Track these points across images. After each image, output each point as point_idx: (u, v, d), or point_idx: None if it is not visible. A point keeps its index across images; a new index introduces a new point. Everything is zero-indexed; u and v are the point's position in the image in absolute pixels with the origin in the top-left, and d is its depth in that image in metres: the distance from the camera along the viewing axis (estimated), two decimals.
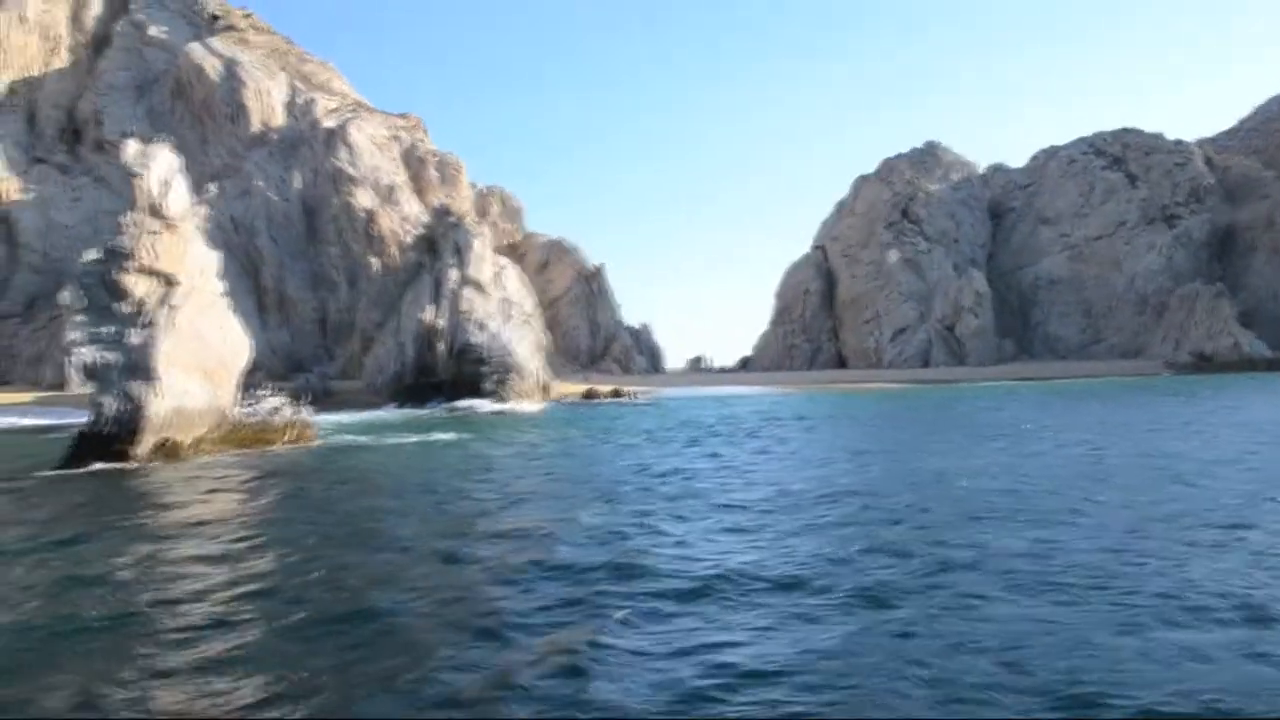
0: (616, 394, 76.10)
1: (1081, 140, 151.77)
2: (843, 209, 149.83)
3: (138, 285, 32.20)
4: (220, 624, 10.45)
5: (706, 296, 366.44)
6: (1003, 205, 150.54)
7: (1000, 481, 20.50)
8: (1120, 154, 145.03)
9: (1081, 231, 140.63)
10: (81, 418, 56.99)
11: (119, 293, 31.94)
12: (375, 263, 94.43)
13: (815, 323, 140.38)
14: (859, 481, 21.38)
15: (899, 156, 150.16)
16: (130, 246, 32.29)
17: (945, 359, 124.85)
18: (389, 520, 17.67)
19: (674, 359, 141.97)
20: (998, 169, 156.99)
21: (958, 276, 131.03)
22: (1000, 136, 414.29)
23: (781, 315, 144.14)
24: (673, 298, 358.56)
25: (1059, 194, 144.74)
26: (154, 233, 32.99)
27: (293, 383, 60.15)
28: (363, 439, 38.89)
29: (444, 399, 64.49)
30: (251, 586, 12.32)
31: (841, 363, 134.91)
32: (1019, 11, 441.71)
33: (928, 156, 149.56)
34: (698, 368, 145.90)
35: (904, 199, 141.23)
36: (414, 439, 38.63)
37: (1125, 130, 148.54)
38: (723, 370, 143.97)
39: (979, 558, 12.56)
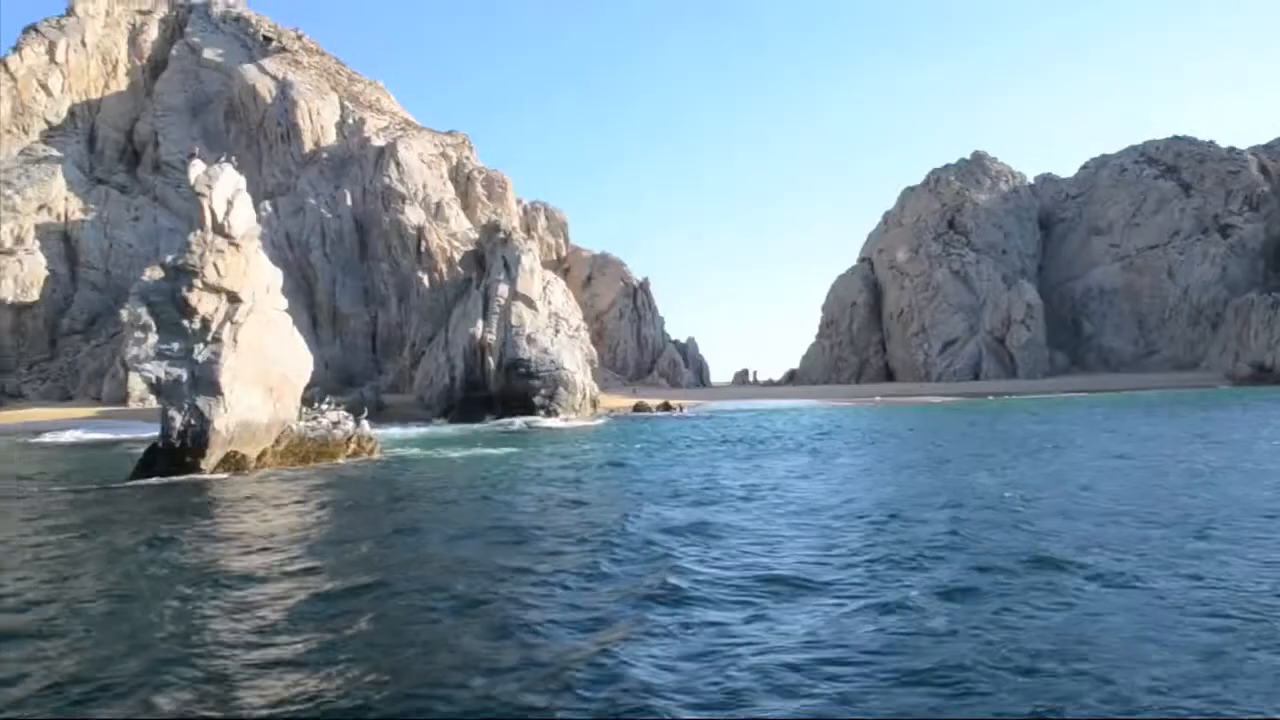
0: (666, 407, 76.12)
1: (1132, 149, 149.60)
2: (890, 221, 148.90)
3: (204, 302, 32.95)
4: (296, 626, 10.75)
5: (752, 310, 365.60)
6: (1053, 215, 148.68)
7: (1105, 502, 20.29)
8: (1173, 162, 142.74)
9: (1134, 241, 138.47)
10: (142, 431, 58.41)
11: (186, 310, 32.71)
12: (425, 278, 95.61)
13: (862, 335, 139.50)
14: (928, 495, 21.28)
15: (946, 167, 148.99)
16: (196, 264, 33.08)
17: (996, 371, 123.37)
18: (467, 532, 17.92)
19: (720, 372, 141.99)
20: (1047, 179, 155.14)
21: (1007, 288, 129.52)
22: (1049, 146, 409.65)
23: (828, 328, 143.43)
24: (718, 311, 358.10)
25: (1110, 203, 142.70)
26: (219, 251, 33.77)
27: (344, 397, 60.95)
28: (423, 452, 39.39)
29: (494, 413, 65.04)
30: (322, 592, 12.64)
31: (889, 376, 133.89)
32: (1067, 20, 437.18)
33: (975, 167, 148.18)
34: (744, 381, 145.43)
35: (952, 210, 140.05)
36: (474, 452, 39.07)
37: (1178, 138, 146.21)
38: (769, 383, 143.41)
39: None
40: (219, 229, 34.34)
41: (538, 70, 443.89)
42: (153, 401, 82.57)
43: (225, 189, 35.28)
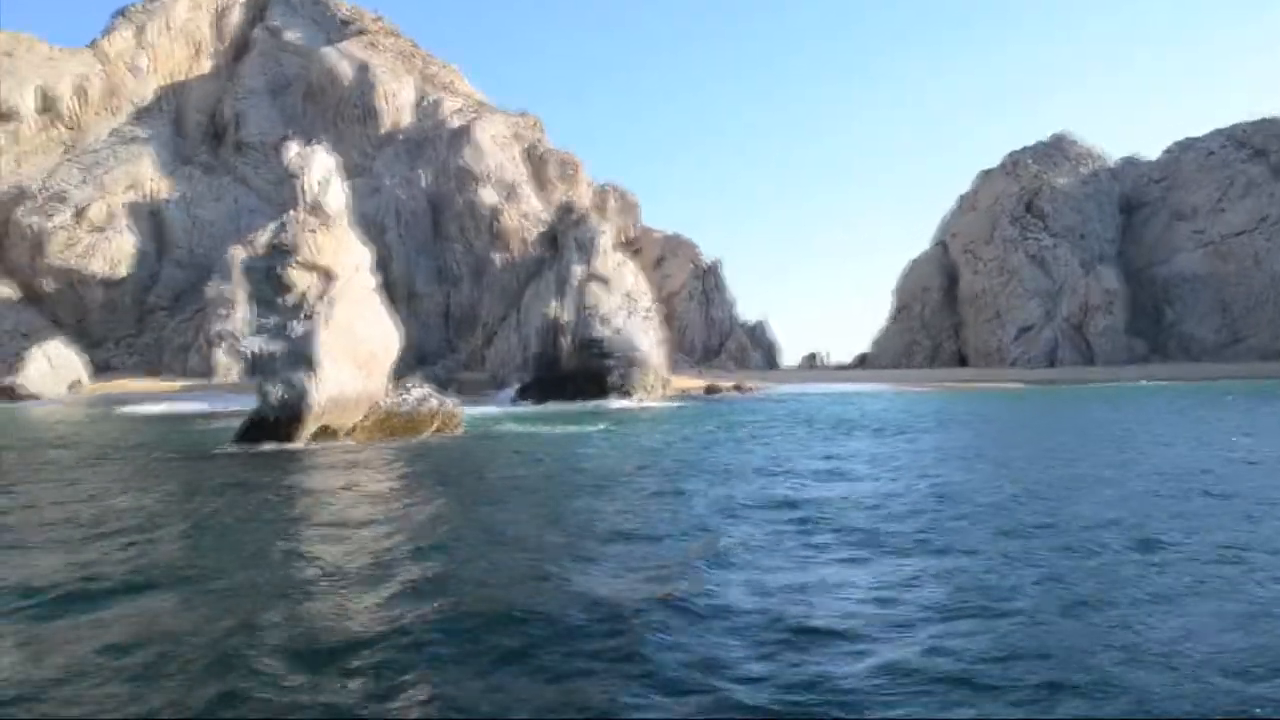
0: (738, 389, 76.18)
1: (1219, 132, 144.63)
2: (965, 204, 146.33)
3: (299, 280, 33.93)
4: (396, 596, 11.23)
5: (823, 292, 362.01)
6: (1135, 200, 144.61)
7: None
8: (1262, 145, 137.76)
9: (1219, 227, 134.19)
10: (228, 404, 60.30)
11: (282, 287, 33.71)
12: (498, 258, 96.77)
13: (936, 320, 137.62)
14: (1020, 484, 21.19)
15: (1024, 149, 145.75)
16: (292, 243, 34.04)
17: (1073, 359, 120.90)
18: (564, 502, 18.36)
19: (788, 355, 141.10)
20: (1129, 161, 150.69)
21: (1086, 273, 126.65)
22: (1131, 130, 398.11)
23: (901, 312, 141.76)
24: (789, 293, 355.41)
25: (1196, 188, 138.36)
26: (313, 230, 34.71)
27: (418, 374, 62.14)
28: (506, 428, 40.14)
29: (567, 393, 65.64)
30: (418, 562, 13.15)
31: (963, 361, 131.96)
32: (1148, 1, 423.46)
33: (1055, 149, 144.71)
34: (813, 364, 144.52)
35: (1029, 193, 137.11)
36: (557, 429, 39.73)
37: (1267, 120, 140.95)
38: (839, 367, 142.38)
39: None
40: (313, 208, 35.27)
41: (609, 52, 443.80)
42: (235, 375, 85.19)
43: (319, 170, 36.21)
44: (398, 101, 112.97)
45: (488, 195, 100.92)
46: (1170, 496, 18.19)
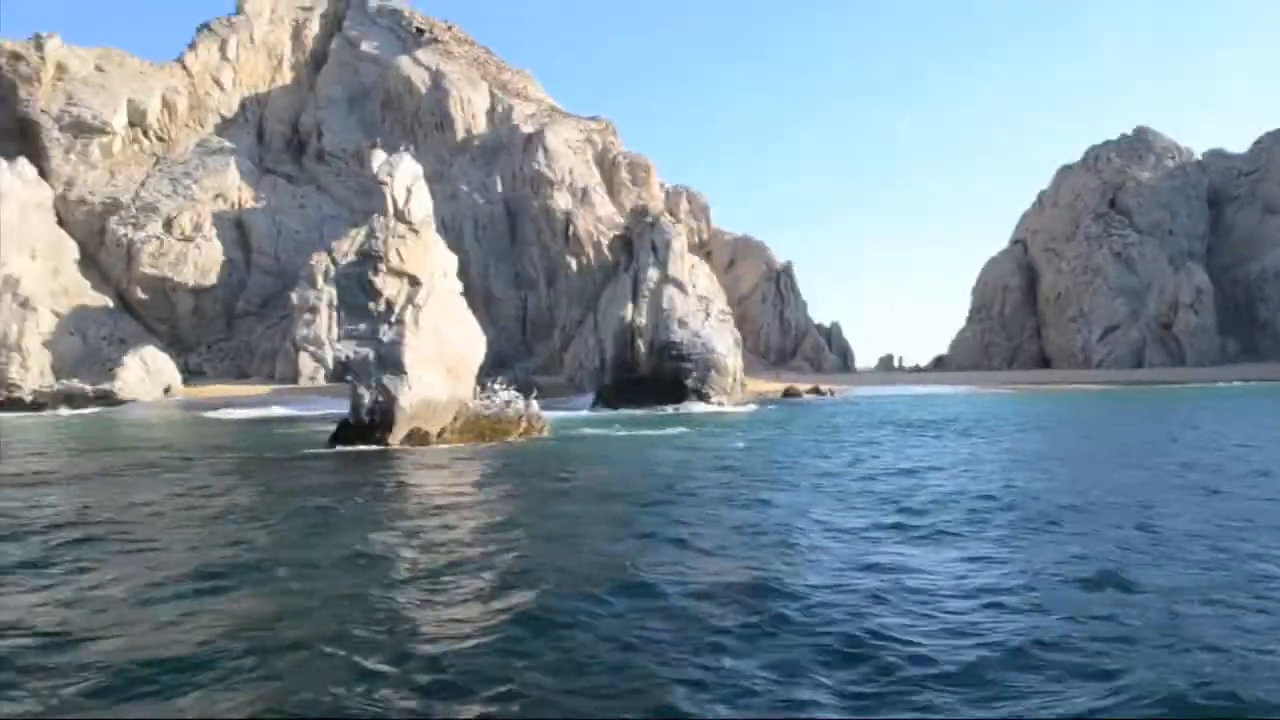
0: (816, 392, 75.64)
1: None
2: (1044, 201, 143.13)
3: (388, 286, 34.64)
4: (502, 588, 11.40)
5: (899, 293, 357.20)
6: (1223, 194, 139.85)
7: None
8: None
9: None
10: (317, 408, 61.78)
11: (371, 293, 34.45)
12: (573, 262, 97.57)
13: (1015, 320, 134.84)
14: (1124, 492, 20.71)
15: (1106, 144, 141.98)
16: (381, 250, 34.77)
17: (1161, 359, 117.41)
18: (641, 503, 18.45)
19: (864, 358, 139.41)
20: (1216, 154, 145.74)
21: (1174, 270, 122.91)
22: (1213, 123, 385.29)
23: (979, 312, 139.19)
24: (863, 296, 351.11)
25: None
26: (400, 237, 35.42)
27: (502, 378, 62.83)
28: (590, 432, 40.46)
29: (644, 395, 65.69)
30: (508, 558, 13.37)
31: (1044, 362, 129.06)
32: None
33: (1138, 143, 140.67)
34: (889, 367, 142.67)
35: (1112, 189, 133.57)
36: (639, 433, 39.95)
37: None
38: (915, 369, 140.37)
39: None
40: (400, 215, 35.98)
41: (680, 53, 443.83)
42: (320, 379, 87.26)
43: (405, 177, 36.92)
44: (472, 108, 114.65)
45: (561, 200, 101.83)
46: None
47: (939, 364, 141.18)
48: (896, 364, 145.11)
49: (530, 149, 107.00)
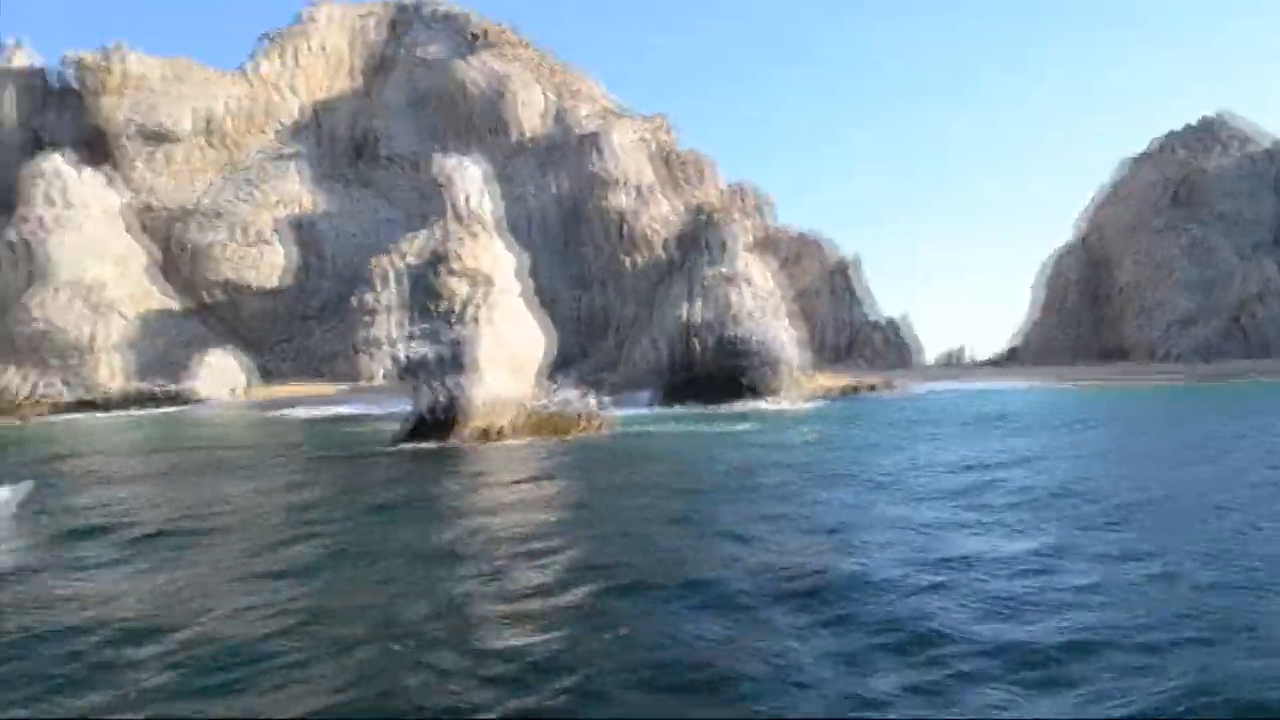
0: (879, 387, 74.90)
1: None
2: (1110, 192, 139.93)
3: (454, 287, 35.20)
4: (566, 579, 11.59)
5: (963, 288, 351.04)
6: None
7: None
8: None
9: None
10: (382, 407, 62.77)
11: (438, 294, 35.03)
12: (631, 261, 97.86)
13: (1081, 314, 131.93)
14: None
15: (1173, 134, 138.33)
16: (447, 251, 35.35)
17: (1231, 351, 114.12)
18: (705, 498, 18.56)
19: (928, 352, 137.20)
20: None
21: (1245, 261, 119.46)
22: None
23: (1044, 306, 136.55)
24: (925, 290, 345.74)
25: None
26: (466, 238, 35.97)
27: (564, 377, 63.32)
28: (649, 429, 40.65)
29: (703, 393, 65.54)
30: (574, 549, 13.62)
31: (1111, 356, 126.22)
32: None
33: (1205, 132, 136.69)
34: (954, 361, 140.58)
35: (1180, 179, 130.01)
36: (704, 429, 40.03)
37: None
38: (980, 364, 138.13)
39: None
40: (466, 218, 36.52)
41: (738, 49, 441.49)
42: (382, 379, 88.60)
43: (471, 180, 37.50)
44: (530, 110, 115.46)
45: (619, 200, 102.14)
46: None
47: (1005, 358, 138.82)
48: (962, 358, 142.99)
49: (588, 149, 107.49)
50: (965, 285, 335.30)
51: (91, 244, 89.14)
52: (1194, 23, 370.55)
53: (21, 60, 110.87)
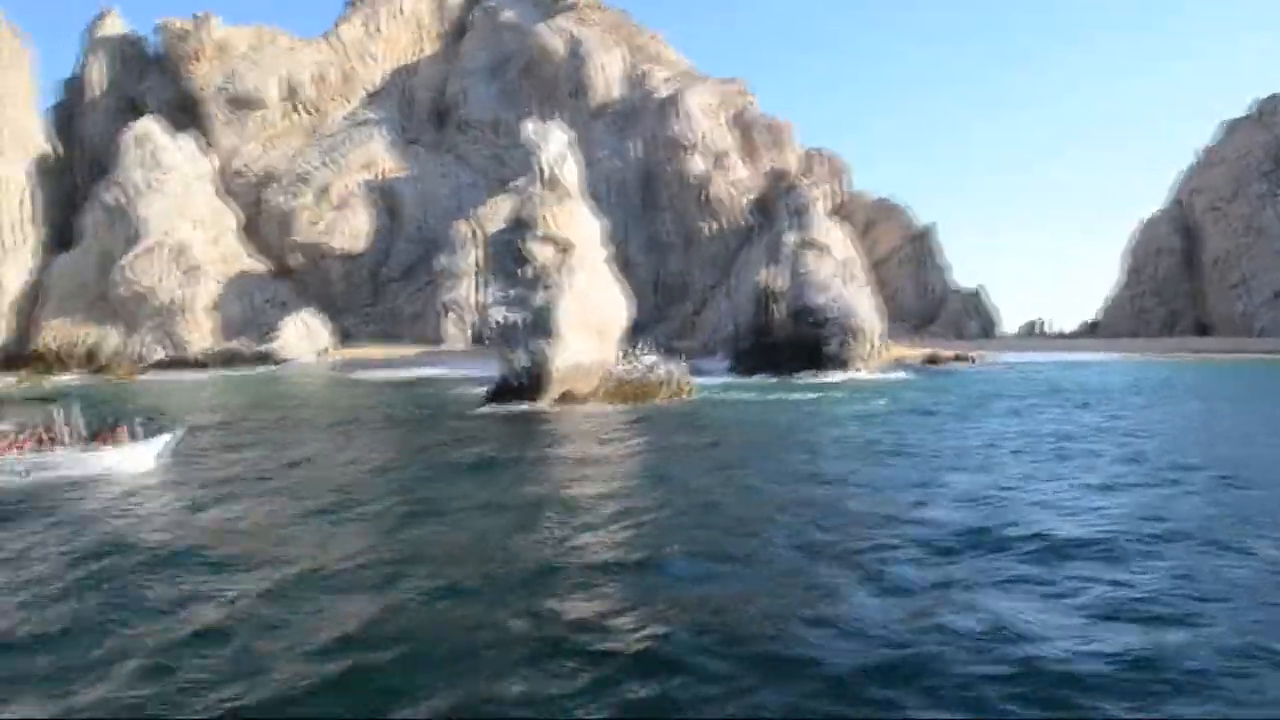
0: (960, 358, 73.68)
1: None
2: (1207, 158, 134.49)
3: (539, 252, 35.48)
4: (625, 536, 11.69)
5: (1045, 257, 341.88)
6: None
7: None
8: None
9: None
10: (462, 369, 63.80)
11: (524, 259, 35.36)
12: (707, 226, 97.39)
13: (1172, 285, 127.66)
14: None
15: (1276, 96, 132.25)
16: (533, 217, 35.61)
17: None
18: (804, 471, 18.53)
19: (1008, 323, 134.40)
20: None
21: None
22: None
23: (1133, 277, 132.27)
24: (1008, 259, 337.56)
25: None
26: (551, 204, 36.16)
27: (645, 342, 63.45)
28: (733, 396, 40.62)
29: (781, 361, 65.13)
30: (658, 511, 13.75)
31: (1203, 329, 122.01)
32: None
33: None
34: (1034, 332, 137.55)
35: None
36: (788, 396, 39.87)
37: None
38: (1061, 336, 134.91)
39: None
40: (551, 183, 36.70)
41: (817, 13, 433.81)
42: (462, 342, 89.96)
43: (556, 146, 37.62)
44: (608, 74, 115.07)
45: (697, 164, 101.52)
46: None
47: (1089, 330, 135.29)
48: (1042, 329, 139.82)
49: (666, 113, 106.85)
50: (1057, 251, 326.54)
51: (183, 207, 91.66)
52: None
53: (113, 28, 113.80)
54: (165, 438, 20.37)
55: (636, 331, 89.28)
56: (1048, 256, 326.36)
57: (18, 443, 18.52)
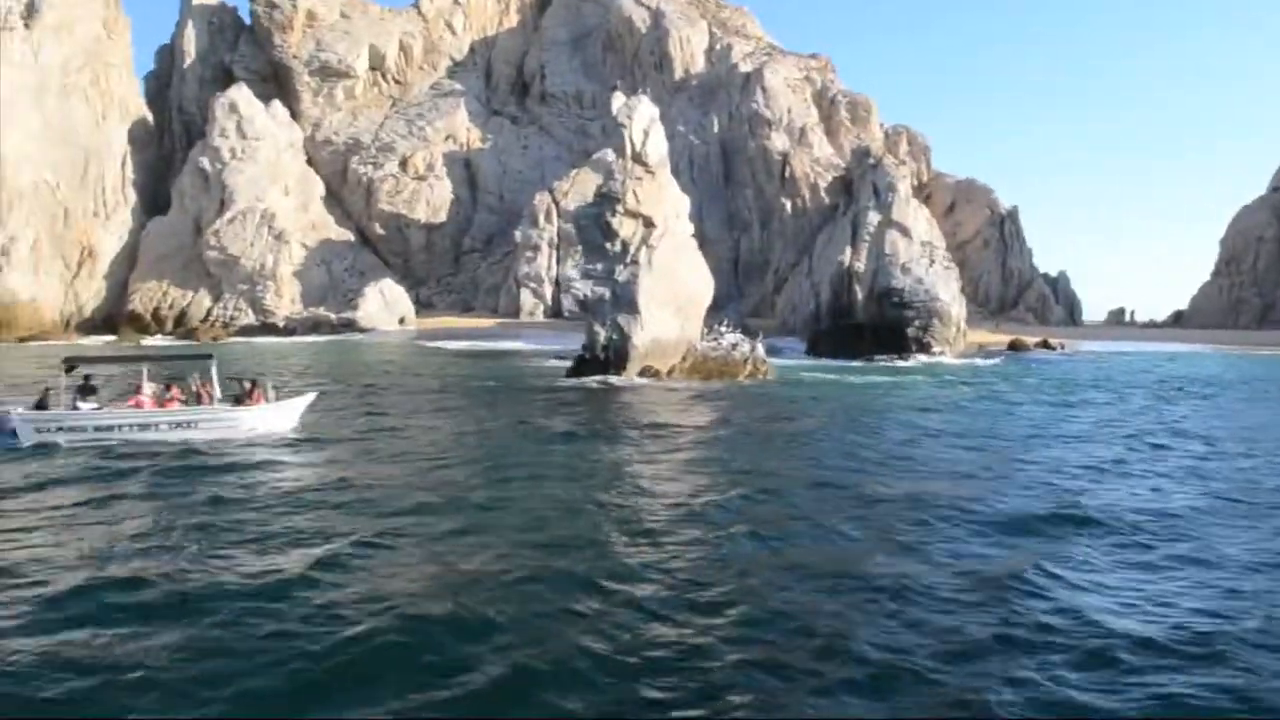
0: (1045, 345, 72.00)
1: None
2: None
3: (624, 227, 35.52)
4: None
5: (1131, 244, 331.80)
6: None
7: None
8: None
9: None
10: (540, 343, 64.39)
11: (609, 233, 35.43)
12: (788, 204, 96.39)
13: (1270, 275, 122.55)
14: None
15: None
16: (619, 191, 35.60)
17: None
18: (891, 457, 18.29)
19: (1090, 311, 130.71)
20: None
21: None
22: None
23: (1227, 266, 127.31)
24: (1093, 245, 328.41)
25: None
26: (638, 178, 36.11)
27: (726, 320, 63.22)
28: (815, 377, 40.29)
29: (862, 343, 64.22)
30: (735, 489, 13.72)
31: None
32: None
33: None
34: (1119, 321, 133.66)
35: None
36: (869, 379, 39.44)
37: None
38: (1149, 325, 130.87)
39: None
40: (637, 158, 36.64)
41: None
42: (539, 314, 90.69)
43: (642, 120, 37.51)
44: (690, 48, 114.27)
45: (778, 140, 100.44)
46: None
47: (1178, 320, 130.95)
48: (1128, 318, 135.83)
49: (748, 88, 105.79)
50: (1143, 237, 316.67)
51: (272, 174, 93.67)
52: None
53: None
54: (309, 397, 21.08)
55: (714, 309, 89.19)
56: (1132, 244, 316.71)
57: (168, 400, 19.08)
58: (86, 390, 18.78)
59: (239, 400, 19.44)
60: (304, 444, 18.31)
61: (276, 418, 19.38)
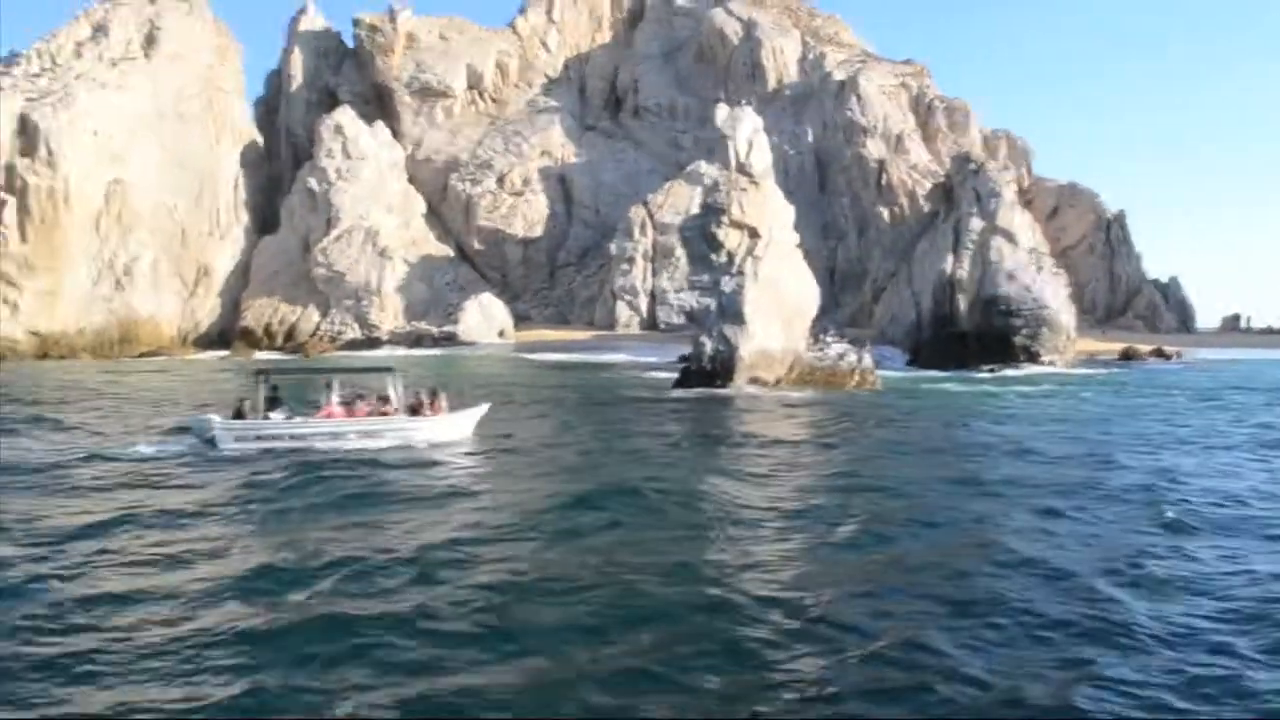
0: (1159, 354, 69.48)
1: None
2: None
3: (729, 238, 35.75)
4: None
5: (1248, 248, 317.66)
6: None
7: None
8: None
9: None
10: (640, 355, 64.71)
11: (714, 245, 35.62)
12: (885, 212, 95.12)
13: None
14: None
15: None
16: (724, 202, 35.71)
17: None
18: (1012, 474, 17.91)
19: (1203, 318, 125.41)
20: None
21: None
22: None
23: None
24: (1203, 250, 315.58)
25: None
26: (742, 189, 36.22)
27: (832, 330, 62.63)
28: (923, 387, 39.70)
29: (965, 353, 62.99)
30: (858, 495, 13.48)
31: None
32: None
33: None
34: (1234, 328, 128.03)
35: None
36: (979, 389, 38.72)
37: None
38: (1267, 331, 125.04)
39: None
40: (742, 169, 36.72)
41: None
42: (635, 326, 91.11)
43: (747, 130, 37.69)
44: (783, 57, 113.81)
45: (874, 148, 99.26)
46: None
47: None
48: (1244, 325, 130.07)
49: (842, 96, 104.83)
50: (1260, 241, 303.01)
51: (376, 193, 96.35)
52: None
53: (313, 23, 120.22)
54: (483, 408, 21.99)
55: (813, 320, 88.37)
56: (1247, 247, 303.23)
57: (356, 411, 19.92)
58: (274, 401, 19.71)
59: (414, 410, 20.15)
60: (502, 453, 19.21)
61: (453, 428, 20.12)
